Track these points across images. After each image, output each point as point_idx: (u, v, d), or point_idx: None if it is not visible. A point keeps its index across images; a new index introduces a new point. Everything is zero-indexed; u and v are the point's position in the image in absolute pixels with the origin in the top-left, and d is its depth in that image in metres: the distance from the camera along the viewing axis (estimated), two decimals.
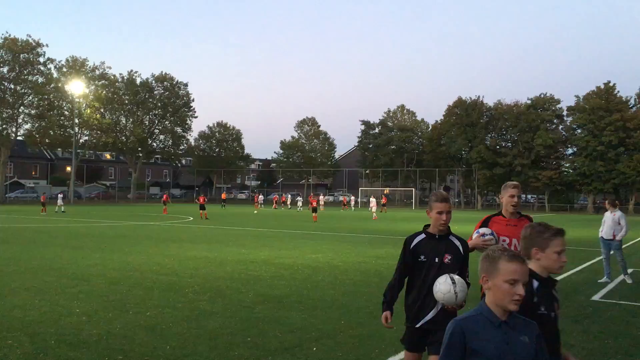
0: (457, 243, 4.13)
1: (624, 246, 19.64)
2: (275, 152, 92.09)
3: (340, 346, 6.24)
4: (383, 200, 57.50)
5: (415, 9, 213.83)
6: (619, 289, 10.86)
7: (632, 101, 65.35)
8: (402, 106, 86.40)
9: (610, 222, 11.97)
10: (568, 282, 11.38)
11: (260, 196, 64.29)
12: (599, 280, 11.56)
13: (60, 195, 43.67)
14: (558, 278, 10.41)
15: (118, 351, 5.91)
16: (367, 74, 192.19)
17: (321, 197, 63.09)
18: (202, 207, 35.27)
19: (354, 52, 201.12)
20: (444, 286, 3.68)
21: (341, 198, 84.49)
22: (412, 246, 4.09)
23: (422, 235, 4.16)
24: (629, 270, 13.56)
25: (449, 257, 3.98)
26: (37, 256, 13.99)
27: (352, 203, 65.66)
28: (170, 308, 8.07)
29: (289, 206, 60.86)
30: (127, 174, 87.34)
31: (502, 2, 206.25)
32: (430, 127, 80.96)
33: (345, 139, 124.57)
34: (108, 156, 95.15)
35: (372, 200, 44.16)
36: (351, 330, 6.95)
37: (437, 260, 3.98)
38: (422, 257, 4.02)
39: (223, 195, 63.68)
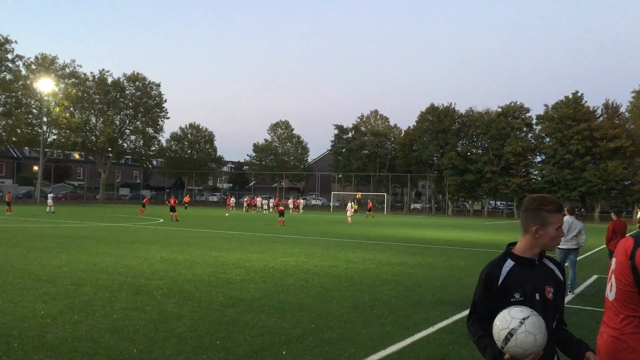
0: (553, 267, 2.85)
1: (589, 253, 20.10)
2: (248, 155, 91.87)
3: (309, 350, 6.23)
4: (369, 205, 57.60)
5: (389, 16, 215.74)
6: (586, 294, 11.08)
7: (599, 111, 67.00)
8: (376, 111, 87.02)
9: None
10: None
11: (232, 199, 63.89)
12: None
13: (50, 195, 42.73)
14: None
15: (83, 354, 5.79)
16: (341, 79, 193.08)
17: (301, 201, 62.99)
18: (173, 209, 34.89)
19: (329, 56, 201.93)
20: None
21: (314, 201, 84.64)
22: (500, 282, 2.74)
23: (510, 263, 2.81)
24: (594, 277, 13.84)
25: (552, 290, 2.75)
26: (0, 257, 13.65)
27: (301, 207, 64.56)
28: (138, 311, 7.95)
29: (263, 210, 60.26)
30: (96, 175, 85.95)
31: (473, 12, 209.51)
32: (403, 133, 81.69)
33: (318, 143, 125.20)
34: (77, 156, 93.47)
35: (349, 204, 43.84)
36: (321, 334, 6.94)
37: (538, 297, 2.71)
38: (518, 295, 2.68)
39: (186, 199, 63.44)
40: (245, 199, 65.51)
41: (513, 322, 2.43)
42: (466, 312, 8.56)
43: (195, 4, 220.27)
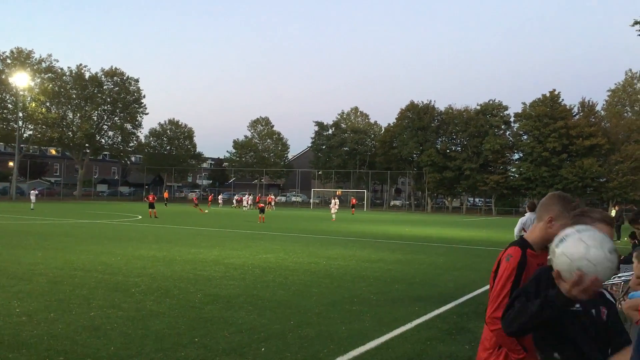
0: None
1: None
2: (227, 151, 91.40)
3: (288, 346, 6.24)
4: (352, 202, 57.55)
5: (369, 14, 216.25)
6: None
7: (576, 109, 67.98)
8: (356, 108, 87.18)
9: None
10: None
11: (220, 196, 63.69)
12: None
13: (34, 192, 41.96)
14: None
15: (60, 352, 5.72)
16: (322, 75, 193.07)
17: (272, 197, 62.65)
18: (152, 206, 34.59)
19: (309, 53, 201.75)
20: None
21: (294, 198, 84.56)
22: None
23: None
24: None
25: (606, 312, 2.45)
26: None
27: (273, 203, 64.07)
28: (115, 308, 7.88)
29: (242, 207, 59.66)
30: (74, 171, 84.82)
31: (452, 11, 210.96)
32: (383, 130, 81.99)
33: (298, 140, 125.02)
34: (53, 152, 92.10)
35: (334, 201, 42.94)
36: (300, 331, 6.96)
37: (594, 313, 2.43)
38: (577, 304, 2.27)
39: (165, 194, 63.02)
40: (237, 197, 64.56)
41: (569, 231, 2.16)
42: (445, 308, 8.68)
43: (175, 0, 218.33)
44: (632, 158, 61.43)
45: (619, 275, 9.86)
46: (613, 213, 33.40)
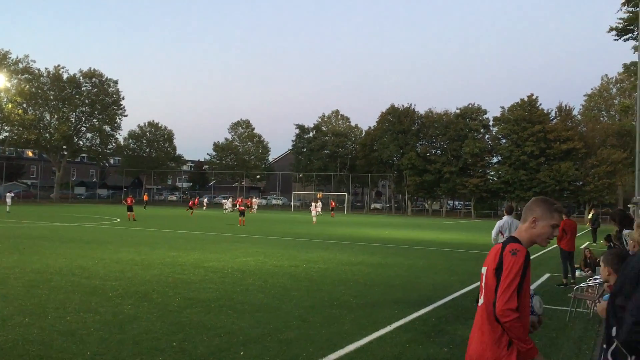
0: None
1: (541, 252, 20.66)
2: (208, 154, 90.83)
3: (267, 350, 6.22)
4: (331, 205, 57.57)
5: (350, 18, 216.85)
6: (538, 293, 11.35)
7: (553, 114, 68.95)
8: (337, 111, 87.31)
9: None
10: None
11: (205, 199, 63.01)
12: None
13: (10, 195, 41.19)
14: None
15: (35, 357, 5.64)
16: (303, 78, 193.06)
17: (254, 200, 62.37)
18: (130, 209, 34.24)
19: (290, 56, 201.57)
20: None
21: (274, 201, 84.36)
22: None
23: None
24: (547, 275, 14.25)
25: None
26: None
27: (255, 207, 63.97)
28: (92, 312, 7.78)
29: (224, 209, 58.79)
30: (51, 173, 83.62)
31: (432, 16, 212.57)
32: (364, 133, 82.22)
33: (279, 143, 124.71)
34: (30, 153, 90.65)
35: (314, 204, 42.92)
36: (279, 334, 6.94)
37: None
38: None
39: (145, 197, 62.40)
40: (238, 200, 63.20)
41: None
42: (424, 311, 8.73)
43: (154, 0, 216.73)
44: (608, 162, 62.42)
45: (594, 277, 10.01)
46: (590, 216, 33.93)
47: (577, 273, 13.17)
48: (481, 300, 3.09)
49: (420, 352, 6.44)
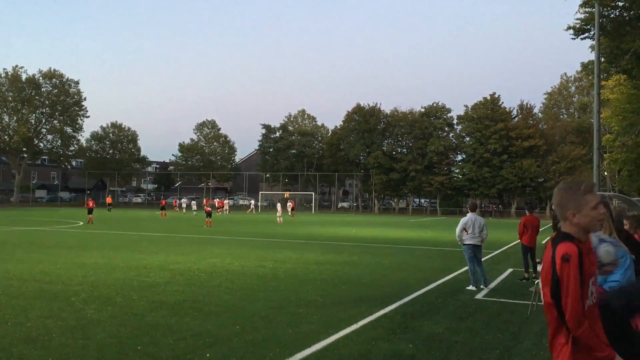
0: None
1: (504, 248, 21.06)
2: (173, 155, 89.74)
3: (234, 351, 6.20)
4: (291, 205, 57.56)
5: (314, 17, 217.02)
6: (500, 287, 11.62)
7: (515, 112, 70.37)
8: (303, 111, 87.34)
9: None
10: (454, 282, 12.01)
11: (183, 200, 62.21)
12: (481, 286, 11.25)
13: None
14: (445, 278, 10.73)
15: None
16: (269, 78, 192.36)
17: (226, 202, 61.91)
18: (90, 212, 33.61)
19: (255, 54, 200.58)
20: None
21: (241, 202, 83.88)
22: None
23: None
24: (509, 270, 14.54)
25: None
26: None
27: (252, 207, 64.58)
28: (54, 318, 7.63)
29: (193, 211, 57.96)
30: (10, 176, 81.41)
31: (395, 15, 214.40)
32: (330, 133, 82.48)
33: (245, 143, 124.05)
34: None
35: (278, 205, 43.41)
36: (246, 335, 6.92)
37: None
38: None
39: (108, 199, 61.25)
40: (218, 202, 62.13)
41: None
42: (390, 308, 8.82)
43: None
44: (568, 158, 64.06)
45: None
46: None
47: (539, 268, 13.49)
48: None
49: (386, 348, 6.51)
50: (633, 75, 26.48)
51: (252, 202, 67.28)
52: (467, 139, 69.96)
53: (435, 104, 72.58)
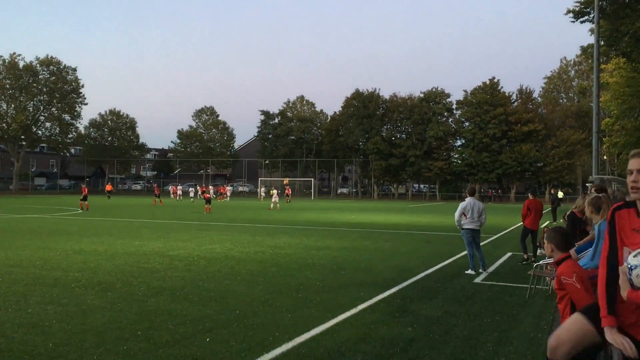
0: None
1: (504, 232, 21.11)
2: (172, 142, 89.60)
3: (233, 336, 6.23)
4: (287, 191, 57.63)
5: (313, 3, 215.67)
6: (499, 271, 11.66)
7: (514, 96, 70.17)
8: (302, 97, 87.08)
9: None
10: (453, 266, 12.05)
11: (179, 187, 62.15)
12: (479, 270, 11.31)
13: None
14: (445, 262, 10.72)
15: None
16: (267, 64, 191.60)
17: (228, 188, 61.94)
18: (85, 198, 33.78)
19: (254, 41, 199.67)
20: None
21: (241, 188, 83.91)
22: None
23: None
24: (508, 254, 14.59)
25: None
26: None
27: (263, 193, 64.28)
28: (54, 304, 7.66)
29: (191, 198, 58.17)
30: (9, 164, 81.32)
31: (393, 1, 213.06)
32: (329, 118, 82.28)
33: (244, 129, 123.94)
34: None
35: (274, 191, 43.85)
36: (245, 320, 6.95)
37: None
38: None
39: (108, 187, 61.08)
40: (220, 188, 62.26)
41: None
42: (389, 292, 8.85)
43: None
44: (567, 143, 64.01)
45: None
46: (560, 195, 34.83)
47: (539, 252, 13.54)
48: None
49: (385, 332, 6.54)
50: (632, 58, 26.35)
51: (263, 189, 66.46)
52: (467, 124, 69.81)
53: (434, 89, 72.32)
